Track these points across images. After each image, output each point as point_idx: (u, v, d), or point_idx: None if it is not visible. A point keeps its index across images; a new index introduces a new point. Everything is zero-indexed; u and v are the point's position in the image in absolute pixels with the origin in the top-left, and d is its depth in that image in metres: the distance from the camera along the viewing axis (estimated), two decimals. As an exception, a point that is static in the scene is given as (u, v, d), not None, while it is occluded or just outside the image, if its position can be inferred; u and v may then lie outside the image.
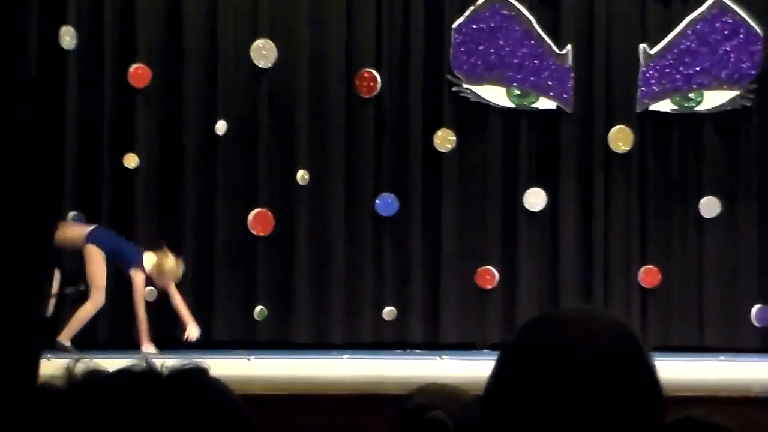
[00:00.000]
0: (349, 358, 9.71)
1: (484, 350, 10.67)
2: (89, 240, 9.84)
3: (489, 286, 11.12)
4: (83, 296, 9.88)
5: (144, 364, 1.50)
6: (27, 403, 0.76)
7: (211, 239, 10.76)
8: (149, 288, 10.13)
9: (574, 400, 1.65)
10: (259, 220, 10.83)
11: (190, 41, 10.85)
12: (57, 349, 9.23)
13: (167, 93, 10.85)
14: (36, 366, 0.77)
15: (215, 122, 10.77)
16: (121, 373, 1.48)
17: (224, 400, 1.62)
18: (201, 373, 1.58)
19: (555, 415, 1.65)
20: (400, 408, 2.76)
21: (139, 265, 9.95)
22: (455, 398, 2.80)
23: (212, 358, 7.57)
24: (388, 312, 10.99)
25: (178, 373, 1.53)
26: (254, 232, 10.81)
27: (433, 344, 10.78)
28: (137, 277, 9.93)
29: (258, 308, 10.69)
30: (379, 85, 11.09)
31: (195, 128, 10.83)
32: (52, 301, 8.43)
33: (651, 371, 1.69)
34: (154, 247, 10.07)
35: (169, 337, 10.12)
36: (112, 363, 1.55)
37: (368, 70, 11.09)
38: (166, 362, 1.55)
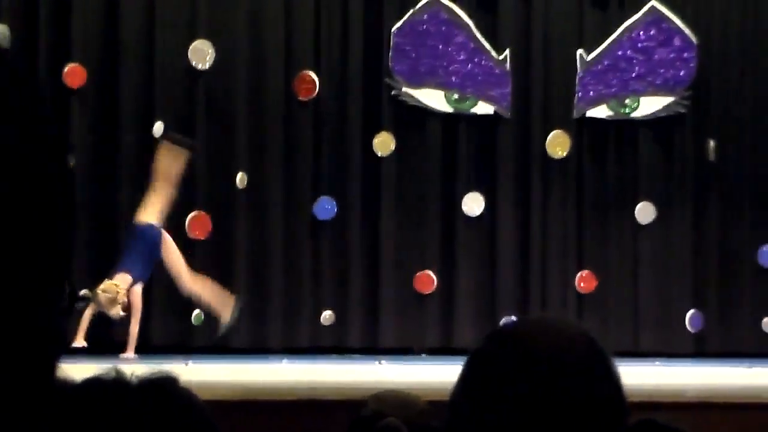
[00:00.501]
0: (287, 362, 9.66)
1: (423, 354, 10.68)
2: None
3: (428, 291, 11.13)
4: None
5: (113, 373, 1.47)
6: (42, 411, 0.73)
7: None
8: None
9: (540, 409, 1.64)
10: (196, 224, 10.75)
11: (126, 41, 10.75)
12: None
13: (103, 93, 10.73)
14: (52, 379, 0.74)
15: (152, 123, 10.67)
16: (91, 381, 1.45)
17: (193, 409, 1.60)
18: (170, 381, 1.55)
19: (520, 424, 1.65)
20: (356, 415, 2.75)
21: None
22: (410, 406, 2.80)
23: (149, 363, 7.50)
24: (327, 316, 10.96)
25: (147, 382, 1.50)
26: (192, 236, 10.73)
27: (372, 349, 10.77)
28: (137, 287, 9.86)
29: (195, 312, 10.60)
30: (317, 88, 11.06)
31: (131, 129, 10.72)
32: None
33: (616, 382, 1.69)
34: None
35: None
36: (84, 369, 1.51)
37: (307, 72, 11.06)
38: (136, 371, 1.52)
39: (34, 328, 0.71)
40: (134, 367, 1.56)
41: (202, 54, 10.81)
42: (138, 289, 9.84)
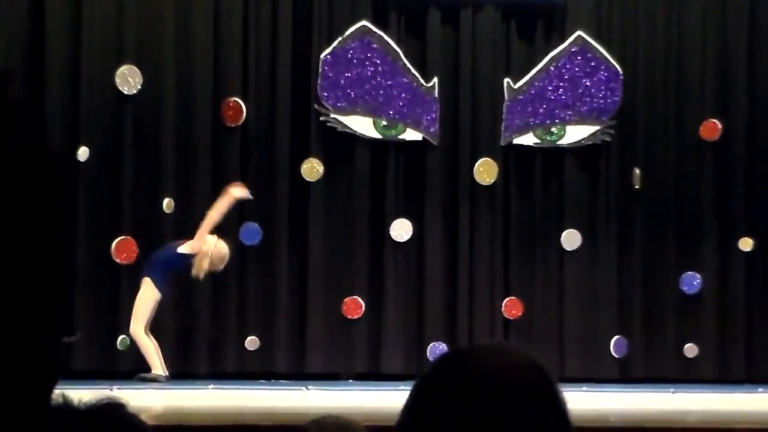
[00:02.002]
0: (214, 388, 9.60)
1: (350, 380, 10.67)
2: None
3: (355, 316, 11.13)
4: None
5: (61, 399, 1.46)
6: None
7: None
8: None
9: None
10: (122, 248, 10.65)
11: (51, 63, 10.64)
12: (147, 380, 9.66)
13: (28, 117, 10.59)
14: (46, 408, 0.75)
15: (77, 148, 10.56)
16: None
17: (141, 434, 1.59)
18: (117, 407, 1.55)
19: None
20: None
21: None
22: (349, 430, 2.80)
23: (73, 389, 7.41)
24: (251, 341, 10.91)
25: (94, 408, 1.50)
26: (117, 260, 10.63)
27: (299, 374, 10.73)
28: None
29: (121, 337, 10.49)
30: (245, 114, 11.04)
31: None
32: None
33: (562, 409, 1.71)
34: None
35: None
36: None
37: (234, 99, 11.04)
38: (82, 396, 1.51)
39: (30, 357, 0.72)
40: (81, 393, 1.56)
41: (129, 79, 10.73)
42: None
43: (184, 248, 10.11)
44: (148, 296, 10.05)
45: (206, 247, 10.08)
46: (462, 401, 1.65)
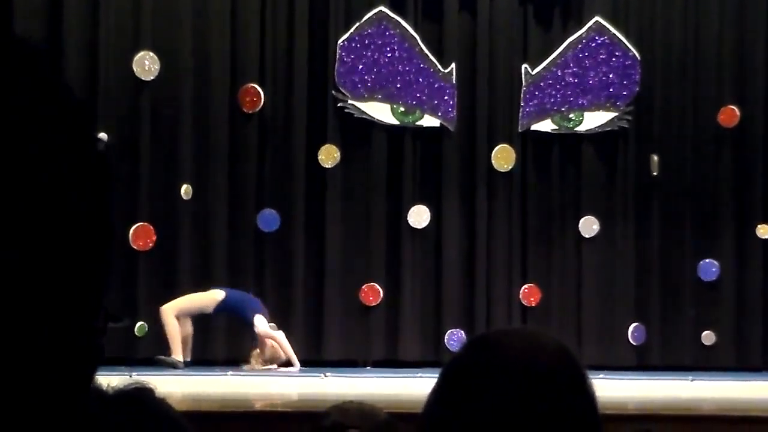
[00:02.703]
0: (232, 374, 9.61)
1: (367, 367, 10.67)
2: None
3: (373, 303, 11.13)
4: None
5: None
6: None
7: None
8: None
9: (514, 419, 1.65)
10: (139, 235, 10.67)
11: (69, 51, 10.64)
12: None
13: (46, 104, 10.61)
14: (85, 394, 0.75)
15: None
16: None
17: (170, 420, 1.58)
18: (146, 392, 1.54)
19: None
20: (316, 426, 2.74)
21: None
22: (370, 416, 2.80)
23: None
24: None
25: (123, 393, 1.48)
26: (135, 246, 10.64)
27: (317, 361, 10.73)
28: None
29: (138, 324, 10.51)
30: (262, 100, 11.03)
31: (75, 140, 10.60)
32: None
33: (590, 397, 1.71)
34: None
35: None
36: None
37: (252, 85, 11.03)
38: (111, 381, 1.50)
39: (69, 345, 0.72)
40: (110, 379, 1.55)
41: (146, 65, 10.74)
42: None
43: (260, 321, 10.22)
44: (204, 299, 10.13)
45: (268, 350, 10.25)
46: (491, 384, 1.65)
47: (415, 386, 8.93)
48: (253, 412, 6.97)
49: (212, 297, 10.23)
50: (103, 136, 10.60)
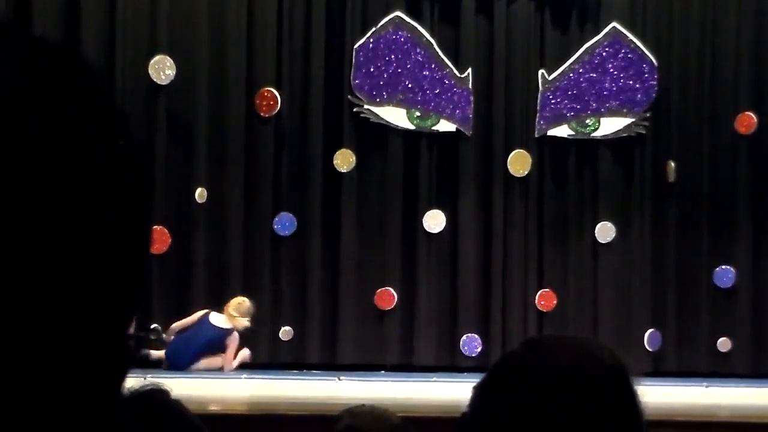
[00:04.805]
0: (247, 378, 9.62)
1: (382, 372, 10.67)
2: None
3: (388, 307, 11.13)
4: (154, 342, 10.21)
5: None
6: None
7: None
8: None
9: (553, 424, 1.66)
10: (155, 238, 10.68)
11: (85, 54, 10.62)
12: None
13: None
14: (115, 398, 0.77)
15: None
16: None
17: (185, 421, 1.59)
18: (161, 394, 1.55)
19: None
20: (330, 429, 2.75)
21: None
22: (383, 420, 2.80)
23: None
24: (285, 332, 10.93)
25: (139, 394, 1.49)
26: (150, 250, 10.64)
27: (331, 365, 10.74)
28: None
29: (153, 326, 10.53)
30: (279, 104, 11.04)
31: (91, 143, 10.62)
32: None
33: (636, 416, 1.71)
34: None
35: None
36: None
37: (268, 89, 11.04)
38: (126, 383, 1.50)
39: (105, 353, 0.74)
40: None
41: (162, 69, 10.76)
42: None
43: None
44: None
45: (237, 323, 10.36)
46: (538, 385, 1.66)
47: (429, 390, 8.94)
48: (266, 414, 6.97)
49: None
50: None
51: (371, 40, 11.22)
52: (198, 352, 10.18)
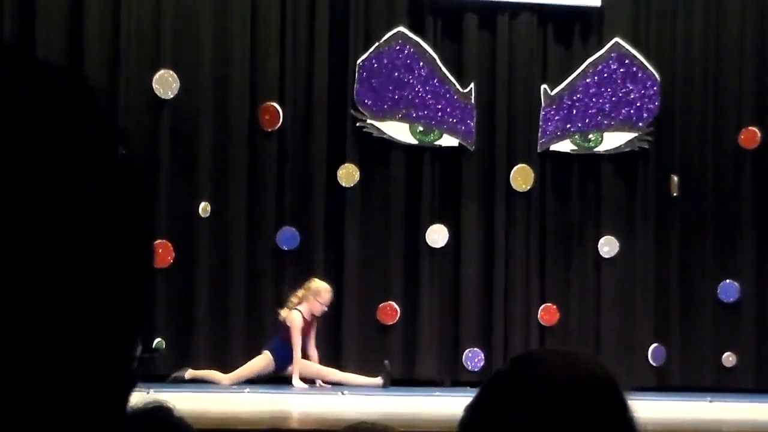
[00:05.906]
0: (250, 392, 9.61)
1: (386, 386, 10.65)
2: None
3: (390, 322, 11.12)
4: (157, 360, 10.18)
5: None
6: None
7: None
8: None
9: None
10: (158, 252, 10.68)
11: (90, 68, 10.67)
12: None
13: (67, 122, 10.64)
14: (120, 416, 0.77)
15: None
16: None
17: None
18: (165, 411, 1.55)
19: None
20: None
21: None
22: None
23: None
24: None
25: (142, 411, 1.49)
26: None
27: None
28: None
29: (156, 340, 10.53)
30: (282, 119, 11.06)
31: (95, 158, 10.63)
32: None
33: (630, 429, 1.71)
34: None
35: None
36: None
37: (271, 103, 11.05)
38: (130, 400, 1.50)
39: (105, 370, 0.74)
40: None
41: (166, 84, 10.78)
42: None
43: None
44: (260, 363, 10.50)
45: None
46: (530, 400, 1.66)
47: (432, 405, 8.93)
48: (269, 430, 6.96)
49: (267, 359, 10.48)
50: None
51: (374, 55, 11.24)
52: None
